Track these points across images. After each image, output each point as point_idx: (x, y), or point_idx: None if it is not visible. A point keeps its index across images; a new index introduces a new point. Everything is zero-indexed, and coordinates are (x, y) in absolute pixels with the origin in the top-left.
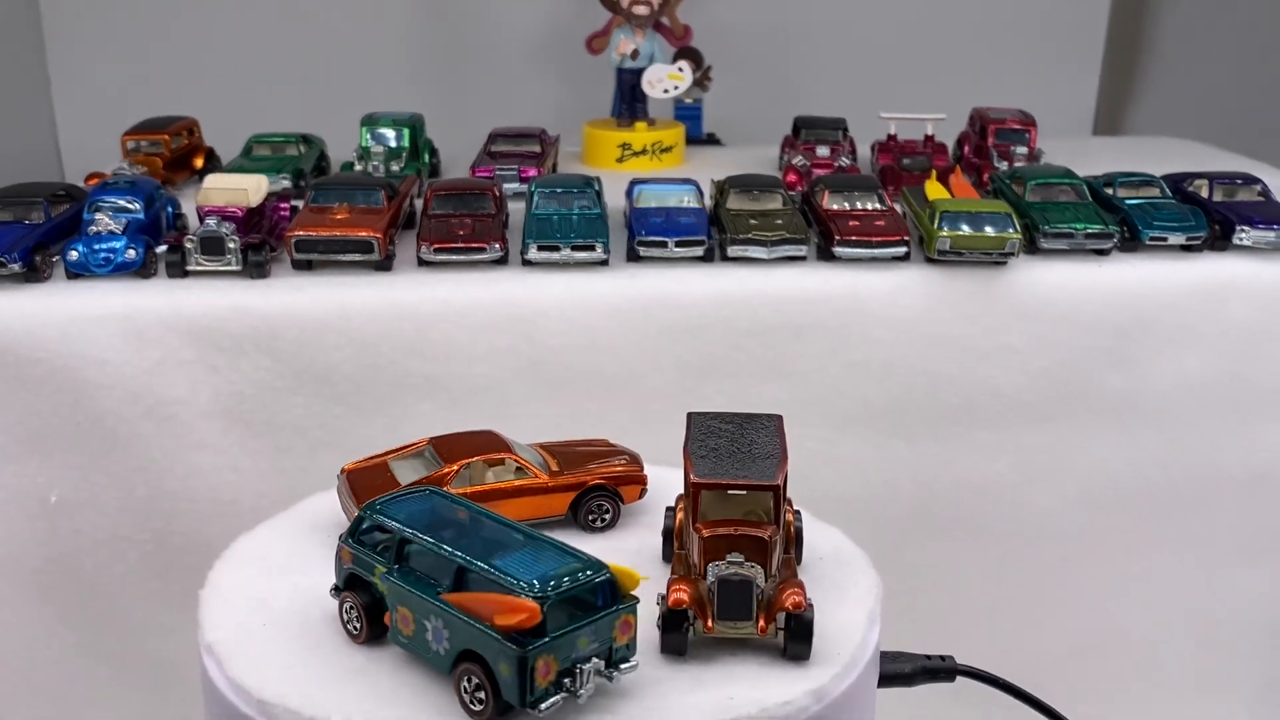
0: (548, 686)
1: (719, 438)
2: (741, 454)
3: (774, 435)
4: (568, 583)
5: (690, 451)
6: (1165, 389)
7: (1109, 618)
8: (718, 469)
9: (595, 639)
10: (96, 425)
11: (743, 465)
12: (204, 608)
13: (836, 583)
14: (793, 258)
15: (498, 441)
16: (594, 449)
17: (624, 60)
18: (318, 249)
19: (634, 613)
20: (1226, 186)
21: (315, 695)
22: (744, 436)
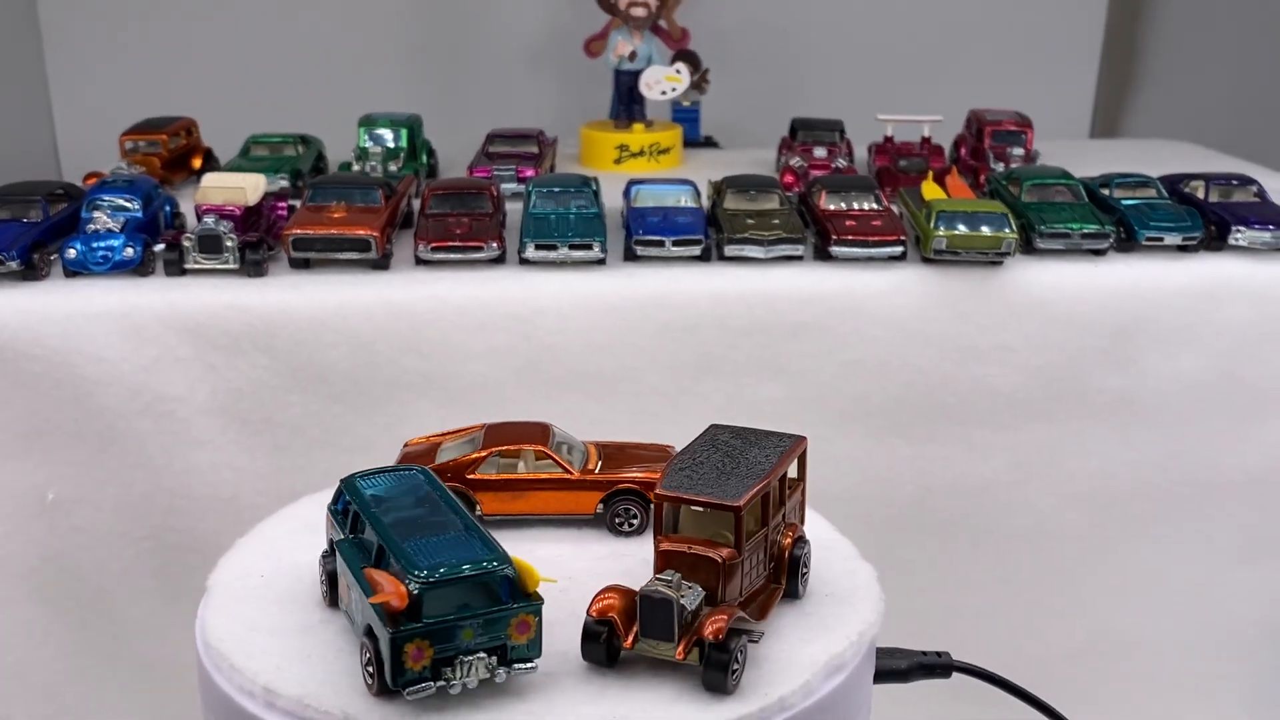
0: (420, 671)
1: (716, 451)
2: (725, 472)
3: (775, 456)
4: (449, 573)
5: (672, 463)
6: (1161, 388)
7: (1105, 617)
8: (685, 483)
9: (484, 633)
10: (94, 423)
11: (715, 483)
12: (202, 605)
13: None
14: (789, 257)
15: (540, 434)
16: (646, 453)
17: (622, 62)
18: (315, 247)
19: (535, 613)
20: (1222, 187)
21: (314, 692)
22: (744, 454)
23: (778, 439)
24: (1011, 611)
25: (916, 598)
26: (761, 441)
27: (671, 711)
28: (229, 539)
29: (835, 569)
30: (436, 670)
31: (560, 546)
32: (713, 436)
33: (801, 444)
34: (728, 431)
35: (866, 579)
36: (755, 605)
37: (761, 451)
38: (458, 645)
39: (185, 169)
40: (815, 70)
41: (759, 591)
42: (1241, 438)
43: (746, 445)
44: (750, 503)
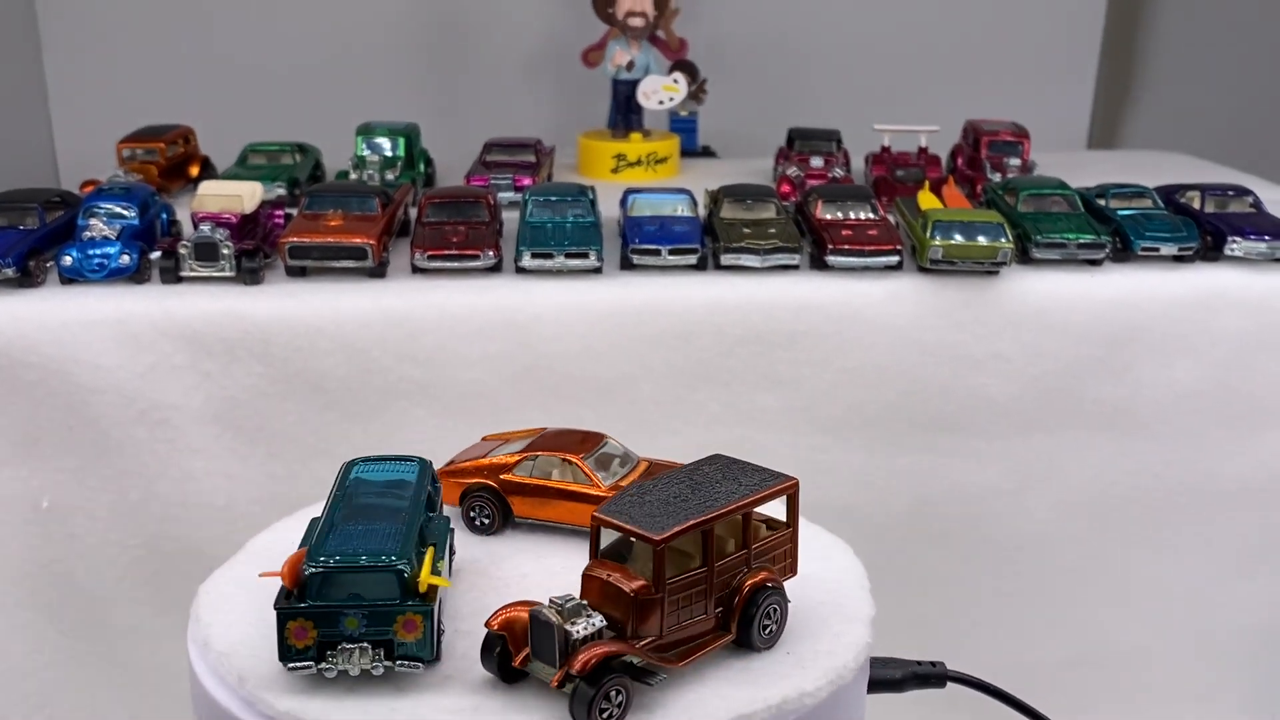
0: (304, 650)
1: (687, 481)
2: (674, 503)
3: (741, 494)
4: (342, 561)
5: (632, 486)
6: (1157, 398)
7: (1102, 626)
8: (625, 509)
9: (369, 625)
10: (89, 430)
11: (655, 513)
12: (195, 613)
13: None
14: (786, 266)
15: (585, 444)
16: None
17: (619, 72)
18: (312, 255)
19: (423, 614)
20: (1218, 198)
21: (307, 700)
22: (710, 488)
23: (762, 477)
24: (1008, 621)
25: (912, 607)
26: (743, 477)
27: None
28: (223, 547)
29: (830, 576)
30: (321, 652)
31: (571, 559)
32: (698, 466)
33: (788, 486)
34: (719, 462)
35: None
36: (682, 649)
37: (732, 488)
38: (341, 632)
39: (183, 177)
40: (813, 80)
41: (698, 636)
42: (1238, 447)
43: (724, 479)
44: (675, 538)
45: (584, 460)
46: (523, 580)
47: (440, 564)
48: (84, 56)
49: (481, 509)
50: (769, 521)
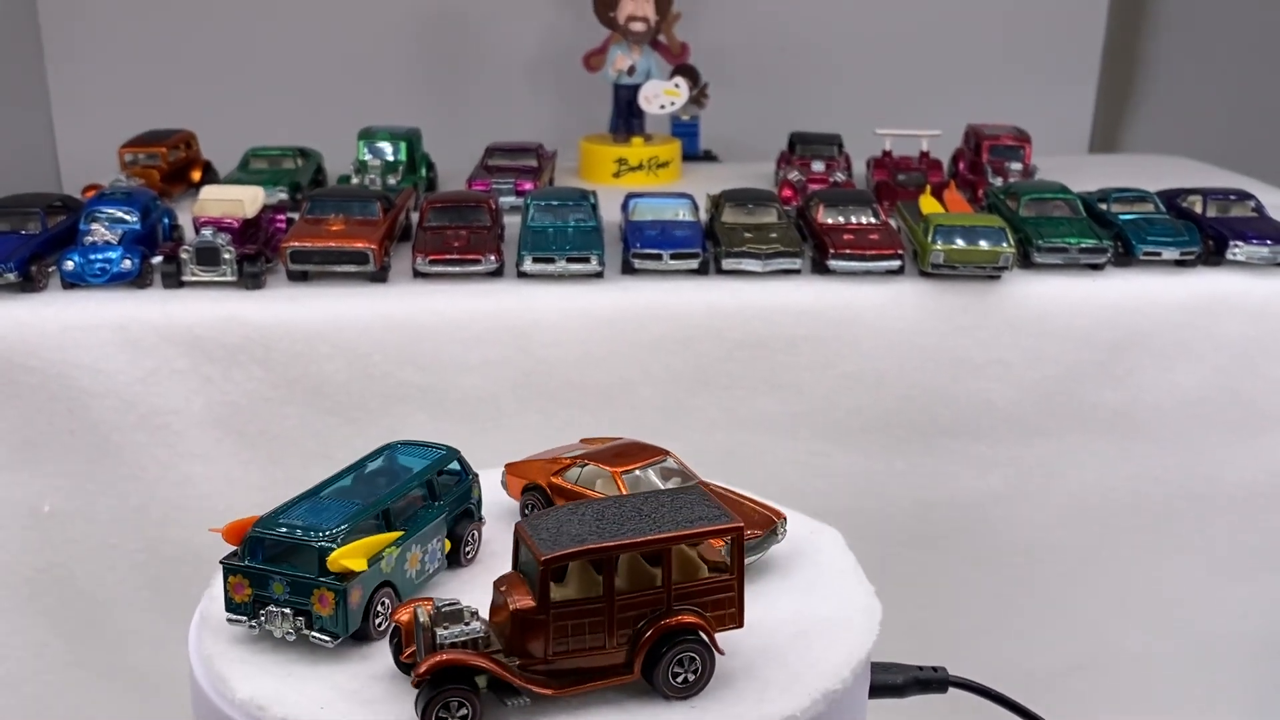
0: (240, 604)
1: (633, 506)
2: (599, 525)
3: (661, 528)
4: (282, 533)
5: (574, 504)
6: (1159, 403)
7: (1103, 632)
8: (548, 525)
9: (291, 593)
10: (90, 434)
11: (567, 532)
12: (196, 618)
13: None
14: (787, 271)
15: (633, 459)
16: (743, 510)
17: (620, 76)
18: (313, 260)
19: (335, 592)
20: (1220, 202)
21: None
22: (649, 517)
23: (708, 516)
24: (1008, 626)
25: (913, 613)
26: (694, 512)
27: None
28: (223, 552)
29: (831, 582)
30: (255, 609)
31: None
32: (667, 494)
33: (728, 529)
34: (690, 494)
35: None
36: (574, 679)
37: (668, 521)
38: (270, 594)
39: (184, 182)
40: (814, 85)
41: (596, 669)
42: (1239, 452)
43: (672, 511)
44: (562, 561)
45: (621, 475)
46: None
47: (409, 552)
48: (86, 61)
49: (532, 507)
50: (718, 565)
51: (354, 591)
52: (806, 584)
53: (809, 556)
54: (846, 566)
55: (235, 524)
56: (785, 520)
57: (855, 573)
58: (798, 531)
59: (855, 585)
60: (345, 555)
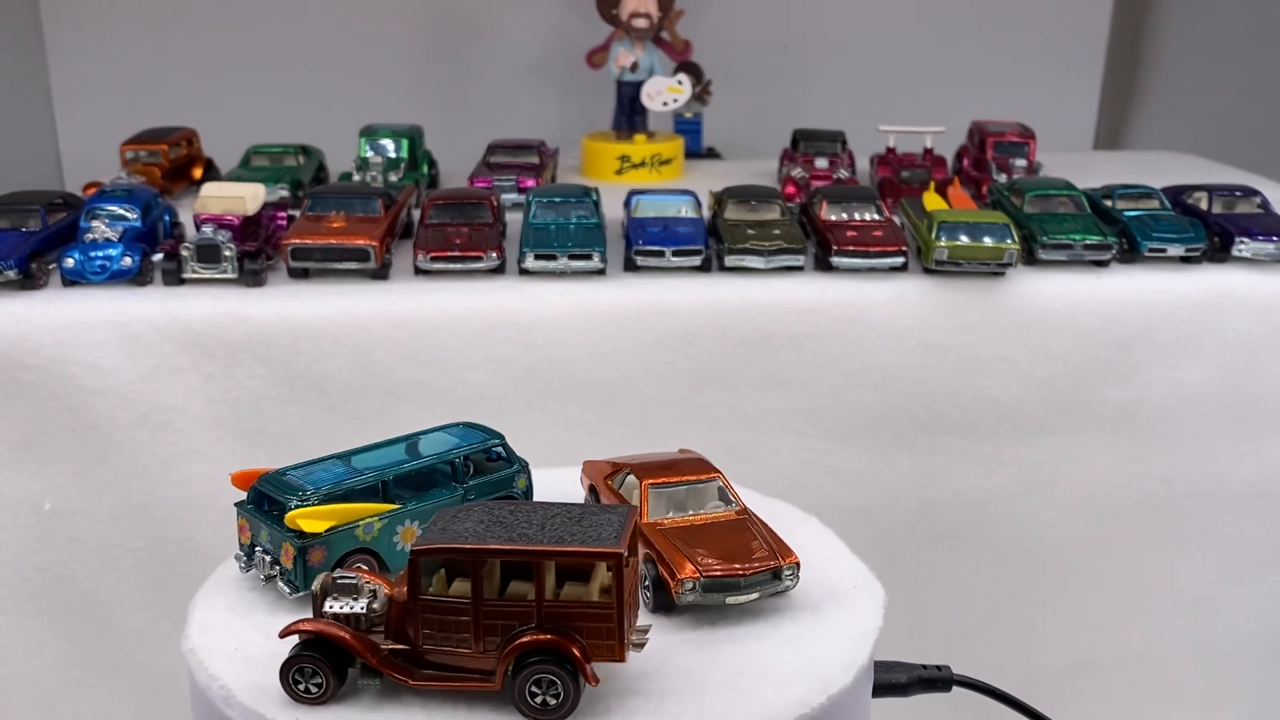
0: (243, 546)
1: (532, 516)
2: (492, 526)
3: (539, 539)
4: (270, 488)
5: (493, 503)
6: (1164, 400)
7: (1108, 630)
8: (451, 517)
9: (270, 543)
10: (91, 432)
11: (459, 528)
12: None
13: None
14: (790, 268)
15: (665, 473)
16: (758, 543)
17: (623, 73)
18: (314, 257)
19: (295, 547)
20: (1225, 199)
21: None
22: (544, 529)
23: (596, 537)
24: (1013, 625)
25: (917, 611)
26: (585, 532)
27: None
28: (225, 550)
29: (835, 579)
30: (250, 551)
31: None
32: (584, 507)
33: (606, 558)
34: (611, 515)
35: (868, 590)
36: (439, 674)
37: (552, 535)
38: (258, 540)
39: (186, 179)
40: (817, 82)
41: (463, 669)
42: (1245, 450)
43: (569, 526)
44: (430, 555)
45: (648, 489)
46: None
47: (402, 525)
48: (88, 59)
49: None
50: (606, 588)
51: (315, 551)
52: (809, 582)
53: (811, 554)
54: (850, 565)
55: (244, 473)
56: (796, 565)
57: (859, 571)
58: (800, 527)
59: (859, 583)
60: (301, 516)
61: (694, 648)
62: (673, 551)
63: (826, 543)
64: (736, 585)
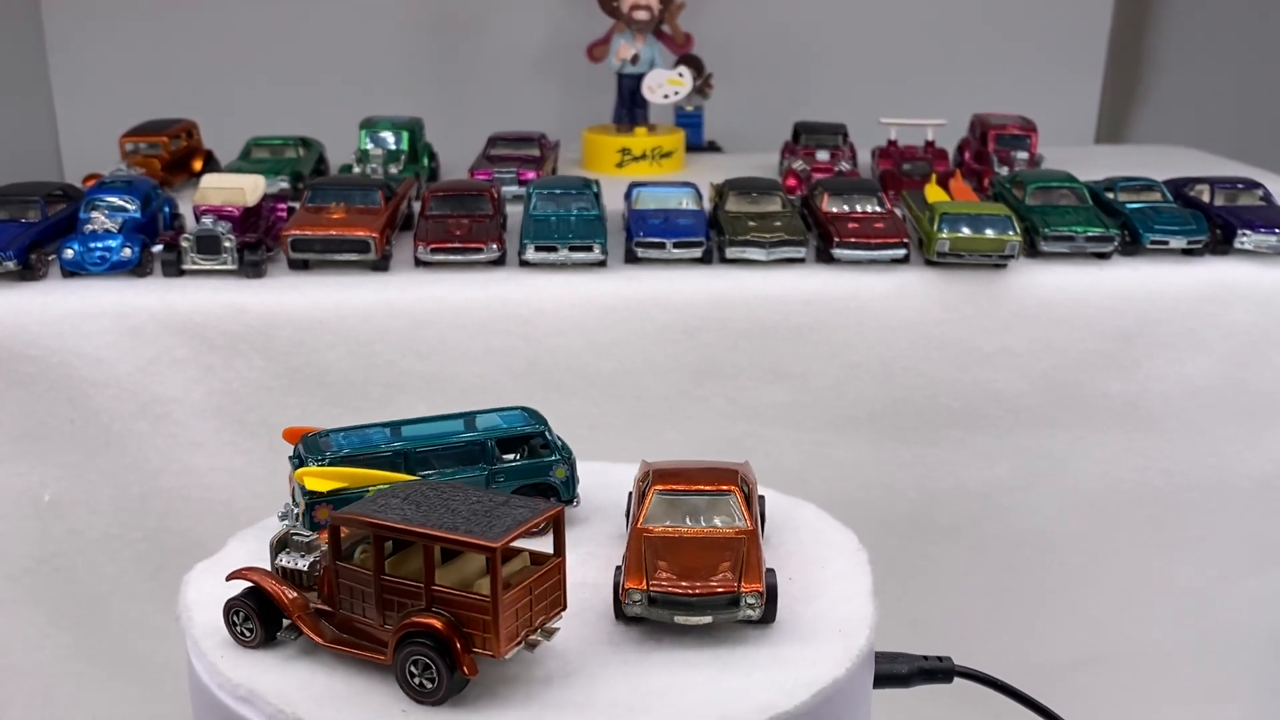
0: (291, 495)
1: (453, 498)
2: (406, 503)
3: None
4: (302, 447)
5: (450, 485)
6: (1166, 393)
7: (1110, 624)
8: (397, 491)
9: (294, 498)
10: (90, 423)
11: (375, 501)
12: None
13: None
14: (791, 259)
15: (675, 481)
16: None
17: (624, 65)
18: (314, 248)
19: (305, 502)
20: (1228, 191)
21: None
22: (456, 508)
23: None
24: (1015, 618)
25: (919, 604)
26: (479, 520)
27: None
28: (225, 542)
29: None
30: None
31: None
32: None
33: (482, 550)
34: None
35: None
36: (348, 638)
37: (452, 519)
38: (297, 495)
39: (186, 171)
40: (819, 75)
41: (367, 637)
42: (1248, 443)
43: (475, 512)
44: (345, 523)
45: (653, 494)
46: None
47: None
48: (88, 51)
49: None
50: (509, 582)
51: (321, 509)
52: (809, 571)
53: (810, 544)
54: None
55: (295, 429)
56: (759, 594)
57: (858, 561)
58: (800, 516)
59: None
60: (309, 474)
61: (688, 632)
62: (635, 560)
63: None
64: (687, 604)
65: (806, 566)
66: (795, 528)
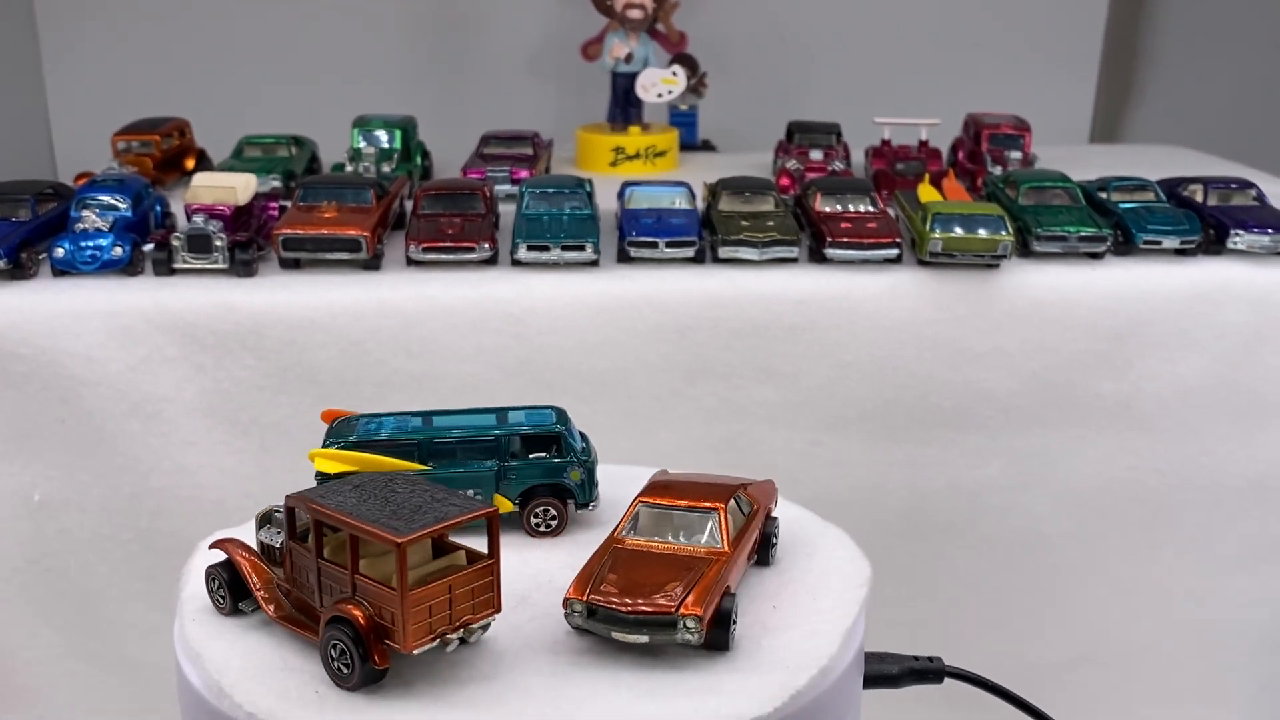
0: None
1: (403, 489)
2: (356, 492)
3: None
4: (333, 429)
5: (418, 475)
6: (1159, 393)
7: (1102, 624)
8: (348, 478)
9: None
10: (81, 423)
11: (330, 488)
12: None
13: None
14: (784, 259)
15: (662, 497)
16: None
17: (618, 64)
18: (305, 247)
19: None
20: (1221, 191)
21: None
22: (399, 500)
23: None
24: (1007, 618)
25: (910, 604)
26: (405, 515)
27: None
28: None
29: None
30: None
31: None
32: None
33: (387, 543)
34: (456, 502)
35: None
36: (295, 613)
37: (386, 511)
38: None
39: (178, 169)
40: (813, 74)
41: (308, 613)
42: (1240, 442)
43: (411, 504)
44: (298, 504)
45: (637, 505)
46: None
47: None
48: (81, 49)
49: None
50: (426, 578)
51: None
52: (799, 601)
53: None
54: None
55: (332, 411)
56: (699, 619)
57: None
58: (820, 542)
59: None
60: (321, 455)
61: (632, 651)
62: (588, 570)
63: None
64: (623, 621)
65: (799, 596)
66: (811, 553)
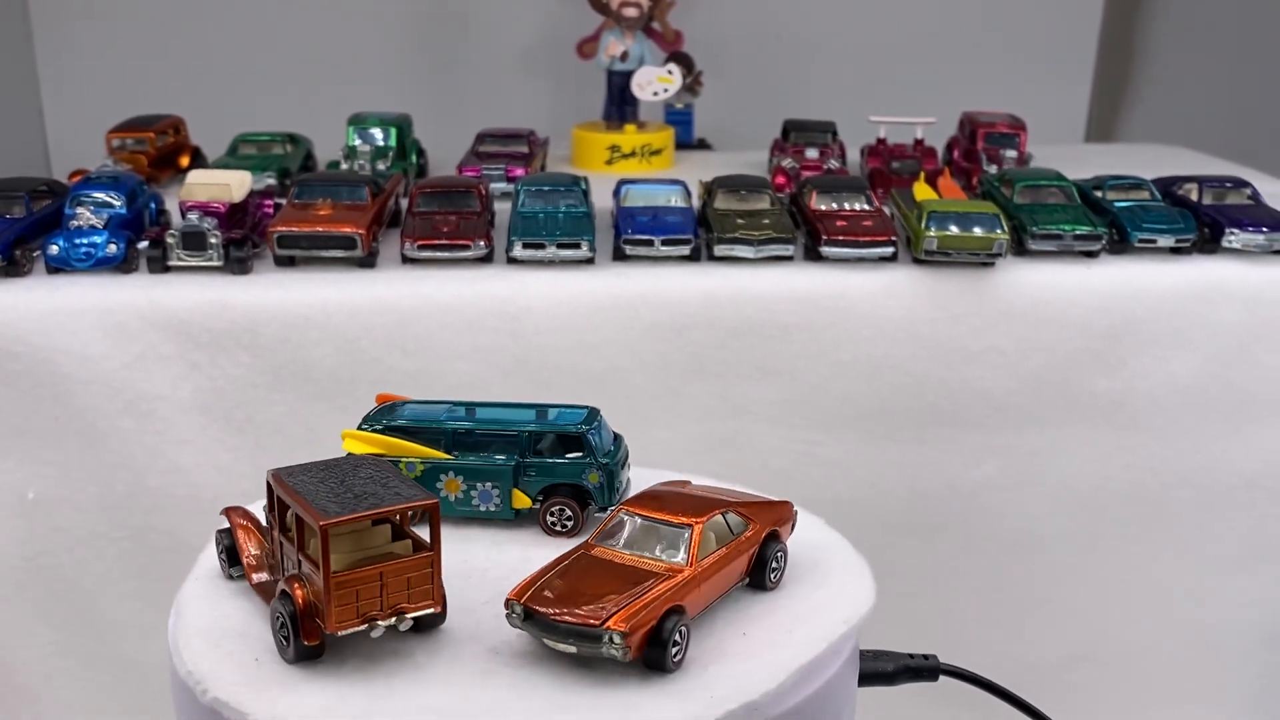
0: None
1: (366, 472)
2: (324, 473)
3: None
4: (375, 411)
5: (372, 456)
6: (1154, 391)
7: (1097, 622)
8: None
9: None
10: (76, 420)
11: (321, 474)
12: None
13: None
14: (779, 257)
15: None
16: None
17: (614, 62)
18: (300, 244)
19: None
20: (1216, 190)
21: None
22: (356, 482)
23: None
24: (1002, 616)
25: (906, 603)
26: (347, 497)
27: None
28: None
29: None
30: None
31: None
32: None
33: (316, 525)
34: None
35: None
36: (269, 582)
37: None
38: None
39: (173, 167)
40: (809, 72)
41: (272, 584)
42: (1235, 441)
43: (361, 486)
44: (273, 483)
45: (619, 513)
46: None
47: (445, 475)
48: (76, 46)
49: None
50: (358, 562)
51: None
52: (773, 634)
53: (800, 542)
54: (837, 551)
55: (386, 395)
56: (624, 635)
57: (847, 559)
58: (833, 570)
59: (846, 571)
60: (352, 436)
61: (568, 660)
62: (540, 573)
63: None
64: (553, 628)
65: (778, 626)
66: (820, 583)
